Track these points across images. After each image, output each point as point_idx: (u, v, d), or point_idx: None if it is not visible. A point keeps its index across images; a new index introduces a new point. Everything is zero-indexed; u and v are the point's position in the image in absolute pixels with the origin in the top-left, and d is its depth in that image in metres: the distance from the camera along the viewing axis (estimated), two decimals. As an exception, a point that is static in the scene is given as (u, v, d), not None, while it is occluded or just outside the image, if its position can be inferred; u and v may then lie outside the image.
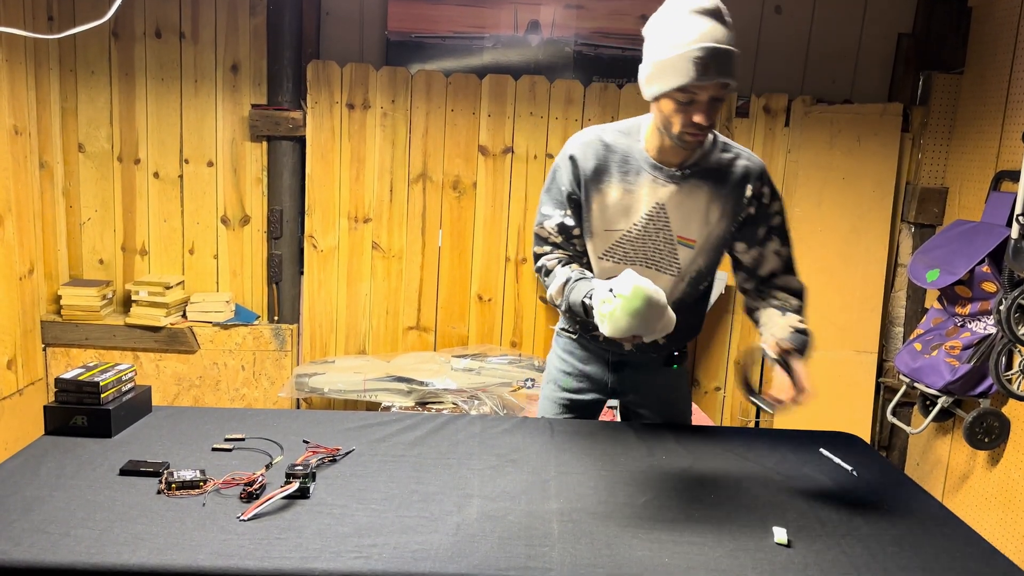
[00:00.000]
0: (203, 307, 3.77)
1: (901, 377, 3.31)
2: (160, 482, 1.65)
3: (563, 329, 2.21)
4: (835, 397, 3.70)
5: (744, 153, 1.96)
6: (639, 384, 2.19)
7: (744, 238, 1.99)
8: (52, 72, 3.65)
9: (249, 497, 1.61)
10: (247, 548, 1.43)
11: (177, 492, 1.63)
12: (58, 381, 1.89)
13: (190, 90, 3.71)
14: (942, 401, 3.09)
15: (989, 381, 2.93)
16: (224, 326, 3.76)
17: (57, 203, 3.76)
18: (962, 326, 3.11)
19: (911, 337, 3.34)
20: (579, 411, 2.21)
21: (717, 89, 1.73)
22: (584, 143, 1.94)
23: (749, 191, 1.92)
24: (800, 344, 1.84)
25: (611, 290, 1.68)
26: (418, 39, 3.70)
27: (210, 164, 3.78)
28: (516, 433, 2.05)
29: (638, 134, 1.94)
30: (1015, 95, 3.11)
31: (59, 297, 3.69)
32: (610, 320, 1.67)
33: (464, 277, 3.86)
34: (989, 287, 2.95)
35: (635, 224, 1.92)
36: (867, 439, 3.64)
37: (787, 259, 2.02)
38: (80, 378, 1.89)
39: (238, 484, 1.66)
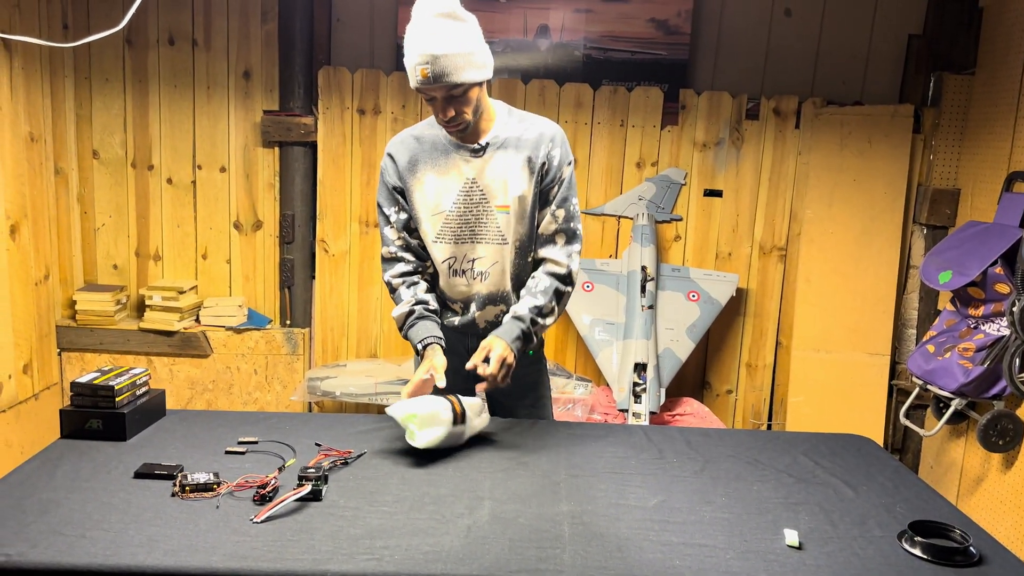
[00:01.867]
0: (216, 311, 3.80)
1: (914, 379, 3.29)
2: (174, 485, 1.66)
3: None
4: (847, 399, 3.69)
5: (539, 121, 2.11)
6: None
7: (544, 201, 2.10)
8: (67, 80, 3.69)
9: (262, 499, 1.62)
10: (260, 550, 1.44)
11: (191, 495, 1.64)
12: (74, 385, 1.91)
13: (203, 97, 3.75)
14: (955, 403, 3.07)
15: (1003, 383, 2.91)
16: (237, 330, 3.79)
17: (72, 209, 3.80)
18: (975, 328, 3.09)
19: (924, 339, 3.32)
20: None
21: (446, 90, 1.90)
22: (397, 141, 2.14)
23: (542, 152, 2.06)
24: (505, 332, 2.02)
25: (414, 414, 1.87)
26: (428, 44, 3.71)
27: (223, 170, 3.81)
28: (527, 436, 2.05)
29: None
30: (1027, 95, 3.09)
31: (74, 302, 3.73)
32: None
33: (475, 281, 3.87)
34: (1002, 288, 2.94)
35: (455, 202, 2.07)
36: (880, 442, 3.62)
37: (562, 227, 2.10)
38: (95, 382, 1.91)
39: (251, 487, 1.67)
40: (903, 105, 3.64)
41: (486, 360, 1.98)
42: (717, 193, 3.80)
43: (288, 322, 3.88)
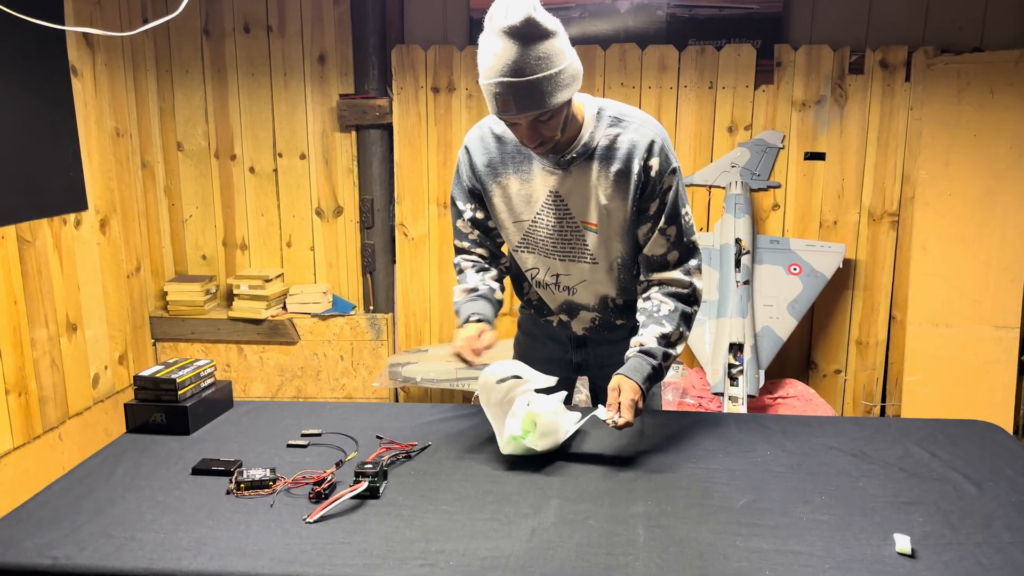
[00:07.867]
0: (301, 299, 3.81)
1: (1049, 355, 2.96)
2: (230, 482, 1.61)
3: (522, 307, 2.15)
4: (971, 379, 3.38)
5: (635, 124, 1.82)
6: (603, 359, 2.06)
7: (642, 218, 1.85)
8: (149, 73, 3.76)
9: (318, 497, 1.55)
10: (309, 553, 1.37)
11: (246, 492, 1.59)
12: (136, 379, 1.90)
13: (280, 83, 3.74)
14: (1100, 382, 2.74)
15: None
16: (322, 317, 3.79)
17: (160, 202, 3.88)
18: (1123, 296, 2.74)
19: (1061, 310, 2.98)
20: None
21: (532, 117, 1.66)
22: (476, 137, 1.92)
23: (636, 166, 1.79)
24: (634, 371, 1.78)
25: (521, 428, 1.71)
26: (503, 15, 3.58)
27: (303, 156, 3.81)
28: (601, 427, 1.90)
29: None
30: None
31: (165, 293, 3.81)
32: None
33: (559, 260, 3.74)
34: None
35: (538, 214, 1.88)
36: (1009, 428, 3.31)
37: (676, 245, 1.86)
38: (158, 375, 1.89)
39: (307, 483, 1.60)
40: (1031, 48, 3.27)
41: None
42: (819, 156, 3.54)
43: (371, 307, 3.86)
